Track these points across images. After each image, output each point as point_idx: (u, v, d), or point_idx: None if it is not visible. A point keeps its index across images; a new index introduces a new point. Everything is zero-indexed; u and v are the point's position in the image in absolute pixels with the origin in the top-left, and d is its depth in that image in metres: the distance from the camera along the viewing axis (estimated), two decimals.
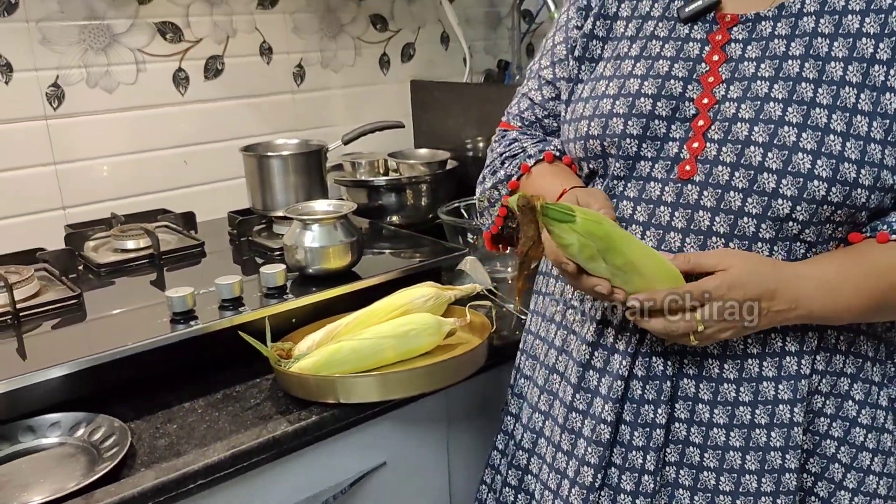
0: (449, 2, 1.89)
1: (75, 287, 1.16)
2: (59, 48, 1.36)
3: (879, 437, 0.84)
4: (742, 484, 0.81)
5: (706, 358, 0.81)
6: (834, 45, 0.78)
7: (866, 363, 0.84)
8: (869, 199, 0.76)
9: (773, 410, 0.80)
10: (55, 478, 0.85)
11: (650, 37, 0.87)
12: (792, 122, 0.76)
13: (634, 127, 0.82)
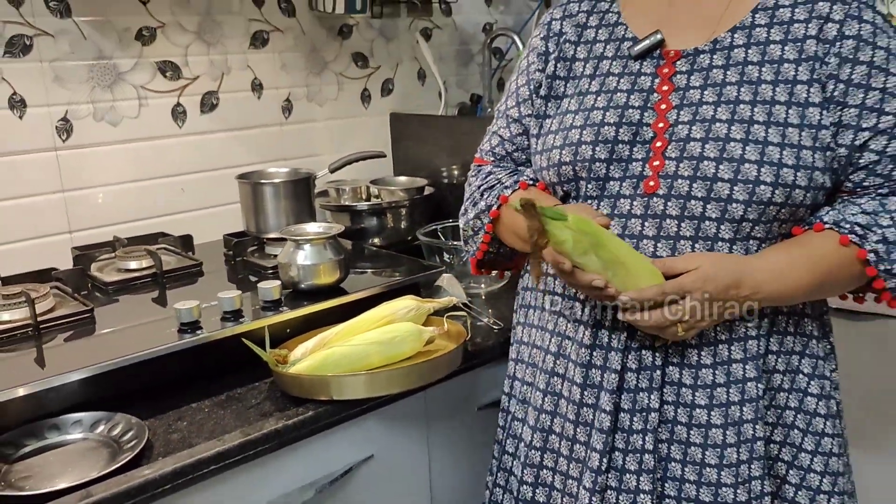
0: (425, 40, 2.04)
1: (87, 302, 1.27)
2: (69, 85, 1.49)
3: (828, 404, 0.99)
4: (725, 456, 0.94)
5: (686, 347, 0.94)
6: (762, 70, 0.93)
7: (811, 341, 0.99)
8: (805, 196, 0.90)
9: (743, 388, 0.93)
10: (81, 468, 0.96)
11: (607, 74, 1.01)
12: (736, 138, 0.90)
13: (602, 152, 0.96)
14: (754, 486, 0.94)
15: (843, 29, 0.91)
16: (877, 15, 0.93)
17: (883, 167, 0.92)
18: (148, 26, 1.57)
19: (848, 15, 0.92)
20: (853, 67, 0.91)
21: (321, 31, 1.84)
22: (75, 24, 1.48)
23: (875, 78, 0.90)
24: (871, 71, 0.90)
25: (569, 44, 1.06)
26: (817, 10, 0.93)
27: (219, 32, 1.67)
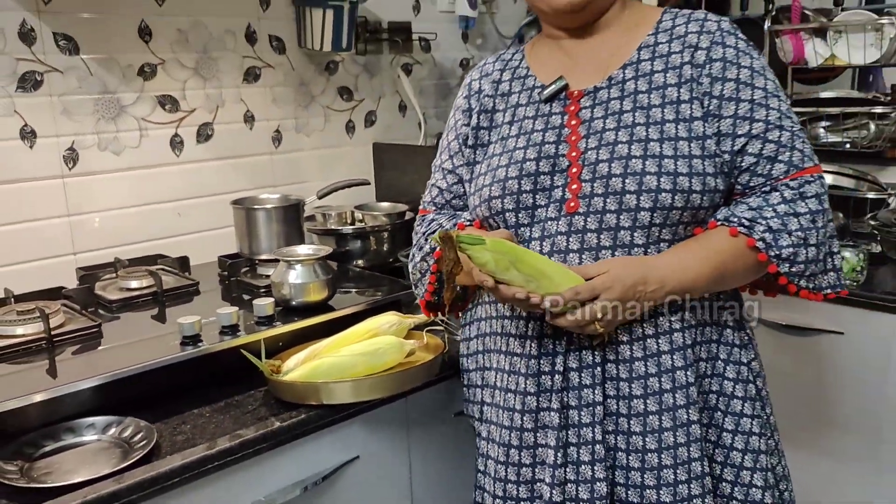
0: (406, 75, 2.18)
1: (94, 318, 1.38)
2: (76, 118, 1.60)
3: (745, 387, 1.11)
4: (663, 440, 1.05)
5: (619, 344, 1.07)
6: (651, 96, 1.08)
7: (725, 330, 1.12)
8: (702, 199, 1.04)
9: (673, 377, 1.06)
10: (96, 465, 1.06)
11: (523, 118, 1.16)
12: (637, 155, 1.04)
13: (527, 184, 1.09)
14: (694, 466, 1.06)
15: (711, 54, 1.07)
16: (739, 40, 1.09)
17: (762, 167, 1.06)
18: (149, 63, 1.70)
19: (713, 42, 1.08)
20: (723, 84, 1.06)
21: (309, 67, 1.98)
22: (83, 61, 1.60)
23: (743, 91, 1.06)
24: (738, 86, 1.06)
25: (488, 98, 1.21)
26: (688, 41, 1.09)
27: (215, 68, 1.80)
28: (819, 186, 1.07)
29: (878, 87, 2.24)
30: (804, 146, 1.08)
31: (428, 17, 2.21)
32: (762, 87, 1.07)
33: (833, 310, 1.73)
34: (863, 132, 2.05)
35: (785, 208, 1.05)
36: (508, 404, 1.13)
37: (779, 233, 1.04)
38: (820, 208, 1.06)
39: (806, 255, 1.06)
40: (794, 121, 1.09)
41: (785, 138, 1.07)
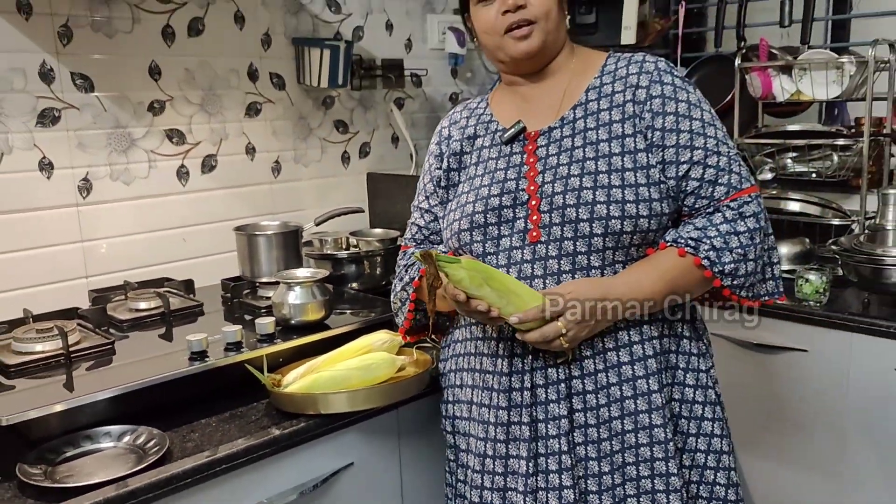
0: (398, 109, 2.31)
1: (108, 336, 1.49)
2: (90, 150, 1.72)
3: (705, 393, 1.23)
4: (626, 440, 1.17)
5: (583, 360, 1.18)
6: (599, 133, 1.20)
7: (682, 340, 1.23)
8: (650, 223, 1.16)
9: (634, 385, 1.17)
10: (113, 469, 1.15)
11: (488, 159, 1.29)
12: (588, 186, 1.16)
13: (492, 216, 1.21)
14: (658, 465, 1.17)
15: (650, 91, 1.20)
16: (675, 77, 1.21)
17: (704, 190, 1.18)
18: (158, 99, 1.82)
19: (651, 81, 1.21)
20: (664, 118, 1.18)
21: (307, 102, 2.11)
22: (97, 98, 1.72)
23: (682, 123, 1.18)
24: (677, 118, 1.18)
25: (456, 142, 1.34)
26: (629, 81, 1.22)
27: (219, 104, 1.92)
28: (756, 205, 1.19)
29: (844, 121, 2.38)
30: (741, 169, 1.21)
31: (419, 54, 2.35)
32: (699, 117, 1.20)
33: (798, 329, 1.84)
34: (827, 163, 2.18)
35: (727, 228, 1.17)
36: (483, 417, 1.24)
37: (721, 251, 1.16)
38: (757, 226, 1.18)
39: (746, 269, 1.17)
40: (729, 146, 1.22)
41: (723, 163, 1.19)
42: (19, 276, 1.64)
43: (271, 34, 2.00)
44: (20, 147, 1.62)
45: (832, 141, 2.15)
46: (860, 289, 1.90)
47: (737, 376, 1.97)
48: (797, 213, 2.20)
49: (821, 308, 1.84)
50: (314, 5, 2.08)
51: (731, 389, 1.97)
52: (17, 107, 1.61)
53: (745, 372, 1.95)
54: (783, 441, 1.92)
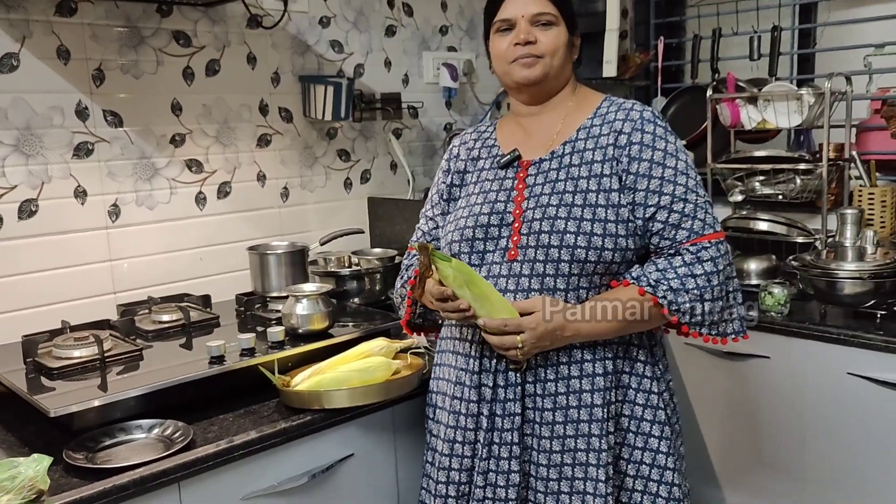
0: (396, 138, 2.51)
1: (137, 344, 1.67)
2: (119, 179, 1.92)
3: (654, 413, 1.37)
4: (566, 444, 1.34)
5: (538, 368, 1.35)
6: (581, 169, 1.35)
7: (636, 364, 1.38)
8: (614, 255, 1.30)
9: (580, 396, 1.34)
10: (146, 454, 1.33)
11: (484, 180, 1.46)
12: (562, 216, 1.31)
13: (479, 233, 1.38)
14: (590, 471, 1.33)
15: (631, 138, 1.34)
16: (657, 127, 1.35)
17: (667, 232, 1.31)
18: (179, 133, 2.02)
19: (634, 129, 1.35)
20: (639, 163, 1.32)
21: (313, 134, 2.31)
22: (125, 132, 1.93)
23: (655, 170, 1.32)
24: (651, 165, 1.32)
25: (461, 162, 1.53)
26: (615, 127, 1.36)
27: (233, 136, 2.12)
28: (715, 251, 1.30)
29: (809, 146, 2.57)
30: (706, 217, 1.32)
31: (415, 88, 2.55)
32: (672, 166, 1.33)
33: (762, 337, 2.01)
34: (791, 186, 2.37)
35: (684, 270, 1.29)
36: (454, 408, 1.42)
37: (678, 292, 1.29)
38: (714, 270, 1.30)
39: (702, 309, 1.30)
40: (699, 195, 1.33)
41: (688, 209, 1.31)
42: (56, 291, 1.83)
43: (280, 72, 2.21)
44: (58, 177, 1.82)
45: (795, 166, 2.34)
46: (818, 300, 2.08)
47: (708, 381, 2.14)
48: (765, 232, 2.38)
49: (782, 318, 2.02)
50: (319, 46, 2.29)
51: (703, 393, 2.16)
52: (56, 141, 1.81)
53: (715, 377, 2.13)
54: (747, 440, 2.08)
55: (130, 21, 1.90)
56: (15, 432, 1.46)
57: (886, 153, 2.38)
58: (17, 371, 1.57)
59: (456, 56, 2.64)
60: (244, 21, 2.11)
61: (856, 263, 2.04)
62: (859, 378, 1.85)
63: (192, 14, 2.01)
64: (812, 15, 2.69)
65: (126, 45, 1.90)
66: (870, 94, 2.41)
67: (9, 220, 1.76)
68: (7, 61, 1.73)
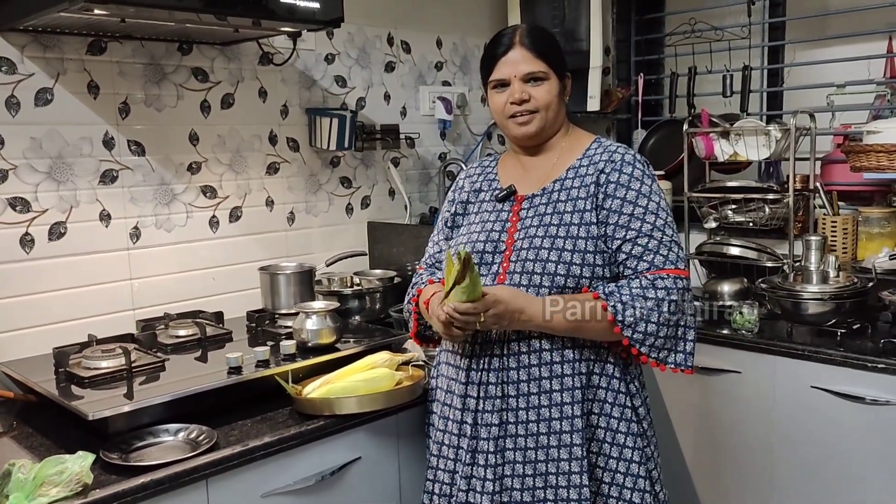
0: (394, 167, 2.67)
1: (159, 356, 1.81)
2: (140, 204, 2.07)
3: (629, 425, 1.48)
4: (542, 416, 1.46)
5: (520, 354, 1.47)
6: (566, 205, 1.50)
7: (612, 380, 1.50)
8: (590, 281, 1.45)
9: (562, 381, 1.46)
10: (174, 455, 1.46)
11: (483, 211, 1.61)
12: (546, 246, 1.46)
13: (475, 257, 1.51)
14: (562, 465, 1.46)
15: (609, 177, 1.49)
16: (635, 169, 1.48)
17: (630, 262, 1.46)
18: (196, 161, 2.18)
19: (613, 169, 1.49)
20: (612, 201, 1.47)
21: (318, 162, 2.47)
22: (147, 161, 2.08)
23: (625, 208, 1.46)
24: (623, 203, 1.46)
25: (465, 193, 1.68)
26: (598, 167, 1.51)
27: (244, 164, 2.28)
28: (671, 283, 1.43)
29: (778, 177, 2.76)
30: (668, 254, 1.45)
31: (413, 120, 2.72)
32: (643, 206, 1.46)
33: (733, 354, 2.18)
34: (760, 213, 2.55)
35: (637, 291, 1.42)
36: (444, 414, 1.59)
37: (626, 305, 1.41)
38: (666, 298, 1.42)
39: (646, 329, 1.41)
40: (665, 234, 1.46)
41: (652, 245, 1.45)
42: (82, 307, 1.97)
43: (288, 105, 2.37)
44: (85, 202, 1.97)
45: (764, 195, 2.52)
46: (785, 320, 2.25)
47: (683, 394, 2.31)
48: (737, 257, 2.56)
49: (752, 336, 2.19)
50: (324, 81, 2.46)
51: (679, 405, 2.33)
52: (84, 169, 1.96)
53: (691, 391, 2.29)
54: (719, 449, 2.24)
55: (154, 59, 2.06)
56: (50, 436, 1.59)
57: (848, 184, 2.57)
58: (50, 380, 1.70)
59: (450, 90, 2.82)
60: (257, 58, 2.27)
61: (819, 286, 2.22)
62: (822, 391, 2.02)
63: (210, 52, 2.17)
64: (780, 56, 2.90)
65: (150, 81, 2.06)
66: (832, 129, 2.61)
67: (40, 242, 1.90)
68: (42, 96, 1.88)
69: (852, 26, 2.69)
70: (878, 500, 1.95)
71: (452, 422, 1.56)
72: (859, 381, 1.95)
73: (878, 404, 1.93)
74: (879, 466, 1.94)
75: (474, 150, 2.91)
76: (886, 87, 2.55)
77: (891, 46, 2.61)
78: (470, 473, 1.51)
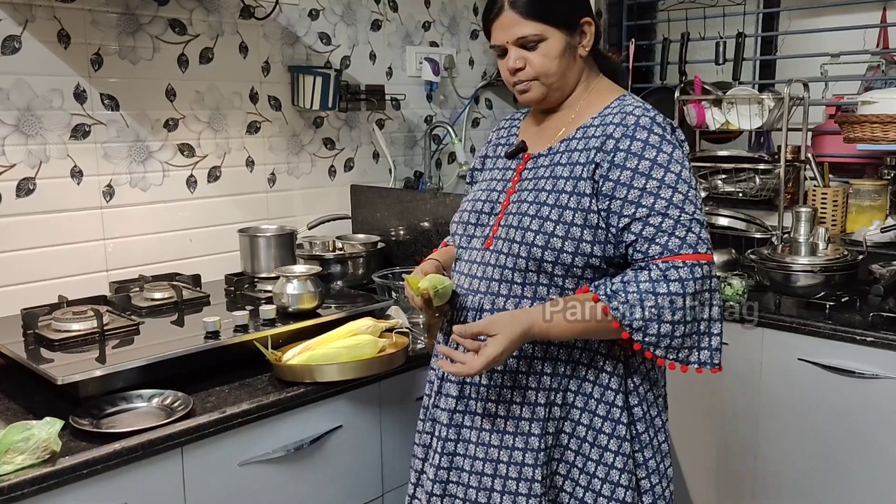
0: (379, 129, 2.60)
1: (133, 319, 1.74)
2: (114, 161, 1.98)
3: (614, 427, 1.31)
4: (502, 397, 1.33)
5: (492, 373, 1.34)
6: (563, 169, 1.32)
7: (601, 374, 1.32)
8: (574, 259, 1.26)
9: (530, 363, 1.31)
10: (148, 421, 1.41)
11: (494, 168, 1.49)
12: (530, 213, 1.30)
13: (472, 218, 1.43)
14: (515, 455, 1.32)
15: (619, 144, 1.27)
16: (651, 135, 1.26)
17: (640, 245, 1.24)
18: (173, 118, 2.09)
19: (624, 135, 1.27)
20: (621, 171, 1.25)
21: (300, 122, 2.39)
22: (121, 116, 1.99)
23: (636, 180, 1.24)
24: (634, 175, 1.25)
25: (491, 146, 1.55)
26: (607, 130, 1.30)
27: (224, 122, 2.20)
28: (687, 272, 1.21)
29: (769, 147, 2.72)
30: (686, 235, 1.22)
31: (398, 81, 2.64)
32: (658, 178, 1.23)
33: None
34: (750, 184, 2.52)
35: (646, 286, 1.21)
36: (425, 404, 1.51)
37: (633, 306, 1.21)
38: (681, 291, 1.21)
39: (659, 330, 1.21)
40: (684, 211, 1.22)
41: (666, 225, 1.22)
42: (52, 268, 1.90)
43: (270, 62, 2.28)
44: (56, 157, 1.88)
45: (755, 165, 2.48)
46: (774, 292, 2.23)
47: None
48: (726, 227, 2.53)
49: (740, 308, 2.16)
50: (308, 37, 2.37)
51: (669, 378, 2.29)
52: (54, 122, 1.87)
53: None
54: (708, 417, 2.23)
55: (129, 8, 1.96)
56: (17, 400, 1.53)
57: (839, 156, 2.54)
58: (18, 343, 1.64)
59: (438, 51, 2.74)
60: (237, 11, 2.18)
61: (808, 258, 2.19)
62: (809, 364, 2.00)
63: (188, 3, 2.07)
64: (774, 24, 2.85)
65: (124, 32, 1.96)
66: (825, 100, 2.57)
67: (7, 198, 1.82)
68: (10, 44, 1.79)
69: None
70: (864, 474, 1.95)
71: (428, 390, 1.50)
72: (847, 355, 1.94)
73: (865, 378, 1.91)
74: (866, 440, 1.94)
75: (461, 113, 2.84)
76: (881, 58, 2.51)
77: (885, 17, 2.56)
78: (428, 442, 1.45)
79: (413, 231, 2.33)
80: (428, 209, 2.28)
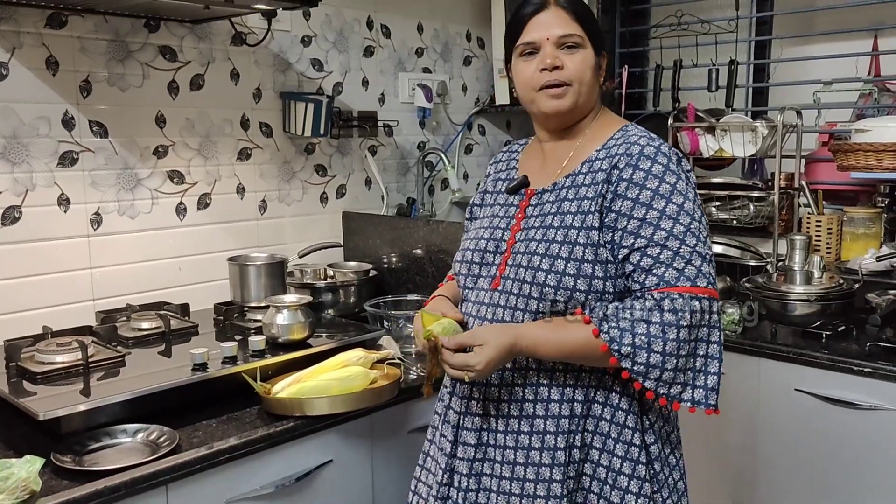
0: (371, 155, 2.58)
1: (119, 350, 1.71)
2: (102, 188, 1.96)
3: (627, 449, 1.25)
4: (520, 443, 1.28)
5: (504, 371, 1.28)
6: (571, 204, 1.28)
7: (617, 412, 1.26)
8: (587, 297, 1.22)
9: (547, 406, 1.27)
10: (132, 458, 1.37)
11: (496, 204, 1.44)
12: (540, 252, 1.26)
13: (476, 257, 1.38)
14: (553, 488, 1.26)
15: (622, 174, 1.24)
16: (655, 164, 1.22)
17: (638, 276, 1.22)
18: (162, 145, 2.07)
19: (627, 164, 1.24)
20: (622, 202, 1.23)
21: (292, 149, 2.37)
22: (110, 143, 1.96)
23: (636, 210, 1.21)
24: (634, 205, 1.22)
25: (490, 181, 1.51)
26: (612, 161, 1.26)
27: (214, 149, 2.17)
28: (682, 304, 1.17)
29: (762, 175, 2.72)
30: (685, 268, 1.18)
31: (391, 107, 2.63)
32: (659, 208, 1.20)
33: None
34: (745, 211, 2.51)
35: (639, 315, 1.18)
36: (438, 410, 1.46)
37: (623, 331, 1.18)
38: (675, 323, 1.16)
39: (647, 359, 1.17)
40: (685, 244, 1.19)
41: (664, 257, 1.19)
42: (37, 297, 1.86)
43: (262, 89, 2.27)
44: (42, 185, 1.85)
45: (749, 193, 2.47)
46: (770, 321, 2.21)
47: None
48: (720, 255, 2.51)
49: (736, 336, 2.14)
50: (300, 64, 2.36)
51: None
52: (41, 150, 1.84)
53: None
54: (705, 445, 2.20)
55: (119, 35, 1.95)
56: None
57: (833, 183, 2.54)
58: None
59: (430, 77, 2.73)
60: (229, 38, 2.17)
61: (804, 287, 2.18)
62: (806, 394, 1.98)
63: (179, 30, 2.06)
64: (767, 51, 2.85)
65: (113, 59, 1.95)
66: (818, 127, 2.57)
67: None
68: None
69: (839, 23, 2.65)
70: None
71: (438, 433, 1.43)
72: (845, 385, 1.91)
73: (863, 409, 1.88)
74: (865, 473, 1.91)
75: (454, 139, 2.83)
76: (873, 86, 2.51)
77: (876, 44, 2.57)
78: (446, 494, 1.37)
79: (405, 259, 2.31)
80: (421, 236, 2.26)
